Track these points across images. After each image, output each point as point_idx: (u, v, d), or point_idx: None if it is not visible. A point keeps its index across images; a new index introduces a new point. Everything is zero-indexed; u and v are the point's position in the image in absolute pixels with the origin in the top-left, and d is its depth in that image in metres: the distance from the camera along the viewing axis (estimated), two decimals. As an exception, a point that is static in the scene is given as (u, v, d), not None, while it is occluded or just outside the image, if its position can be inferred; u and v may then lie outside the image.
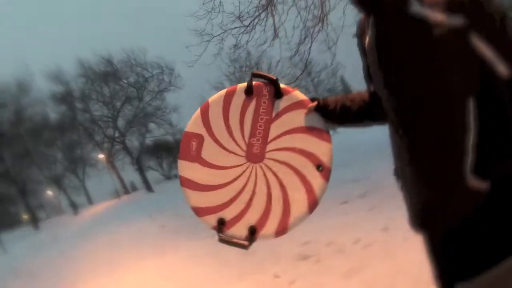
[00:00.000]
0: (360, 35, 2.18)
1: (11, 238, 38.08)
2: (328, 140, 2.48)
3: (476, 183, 1.77)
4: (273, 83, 2.50)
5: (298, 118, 2.48)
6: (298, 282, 5.87)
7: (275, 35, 15.85)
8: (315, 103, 2.48)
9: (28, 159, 52.15)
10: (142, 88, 54.77)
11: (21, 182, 50.44)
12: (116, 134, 54.08)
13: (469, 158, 1.77)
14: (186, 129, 2.61)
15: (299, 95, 2.51)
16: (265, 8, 15.27)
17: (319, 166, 2.43)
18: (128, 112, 55.00)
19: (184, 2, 18.88)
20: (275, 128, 2.47)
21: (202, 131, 2.55)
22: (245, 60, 39.88)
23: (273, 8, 15.24)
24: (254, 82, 2.53)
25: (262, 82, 2.53)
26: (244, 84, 2.53)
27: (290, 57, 17.82)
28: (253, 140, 2.46)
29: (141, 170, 53.18)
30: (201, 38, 17.11)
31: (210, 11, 16.04)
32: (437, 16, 1.76)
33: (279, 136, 2.47)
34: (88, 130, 53.96)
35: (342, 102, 2.45)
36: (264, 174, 2.44)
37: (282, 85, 2.53)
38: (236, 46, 17.27)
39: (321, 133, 2.47)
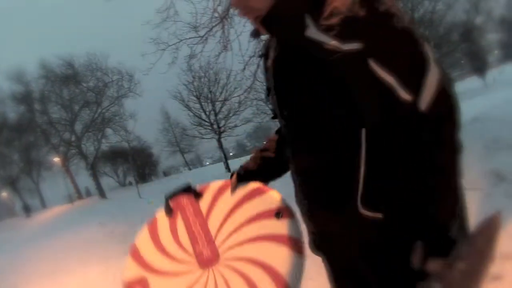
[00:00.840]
0: (264, 55, 2.20)
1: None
2: (273, 209, 2.28)
3: (368, 214, 1.79)
4: (187, 190, 2.43)
5: (227, 205, 2.35)
6: None
7: (224, 48, 15.99)
8: (235, 175, 2.44)
9: None
10: (101, 93, 54.46)
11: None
12: (73, 138, 53.53)
13: (360, 190, 1.79)
14: (125, 280, 2.40)
15: (215, 185, 2.44)
16: (219, 21, 15.41)
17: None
18: (86, 116, 54.62)
19: (144, 10, 18.82)
20: (214, 226, 2.35)
21: (141, 272, 2.39)
22: (205, 69, 39.98)
23: (227, 20, 15.37)
24: (171, 203, 2.44)
25: (178, 195, 2.44)
26: (162, 211, 2.47)
27: (243, 69, 17.89)
28: (199, 247, 2.32)
29: (95, 176, 52.78)
30: (157, 47, 17.20)
31: (165, 20, 16.09)
32: (331, 41, 1.70)
33: (228, 233, 2.32)
34: (45, 132, 53.38)
35: (261, 156, 2.45)
36: (223, 275, 2.26)
37: (197, 186, 2.45)
38: (190, 56, 17.32)
39: (265, 210, 2.29)
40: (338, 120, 1.80)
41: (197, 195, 2.42)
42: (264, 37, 2.22)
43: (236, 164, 33.74)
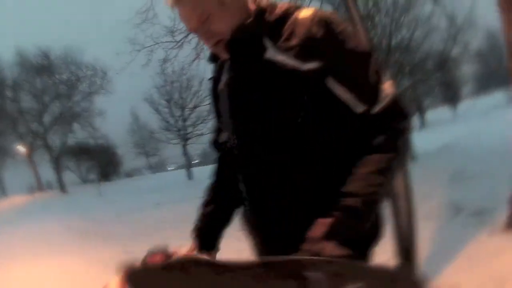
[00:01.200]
0: (215, 78, 2.22)
1: None
2: None
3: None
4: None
5: None
6: None
7: (197, 56, 15.96)
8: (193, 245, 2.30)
9: None
10: (73, 87, 54.12)
11: None
12: (40, 130, 53.01)
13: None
14: None
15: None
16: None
17: None
18: (55, 109, 54.01)
19: (124, 8, 18.71)
20: None
21: None
22: (178, 75, 39.90)
23: None
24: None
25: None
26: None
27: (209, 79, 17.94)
28: None
29: (58, 170, 52.31)
30: (132, 47, 17.10)
31: (144, 21, 15.93)
32: (290, 61, 1.78)
33: None
34: (14, 120, 52.51)
35: (206, 213, 2.36)
36: None
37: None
38: (165, 60, 17.27)
39: None
40: (296, 139, 1.82)
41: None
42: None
43: (199, 172, 33.48)
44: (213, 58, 2.16)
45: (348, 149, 1.80)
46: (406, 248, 4.55)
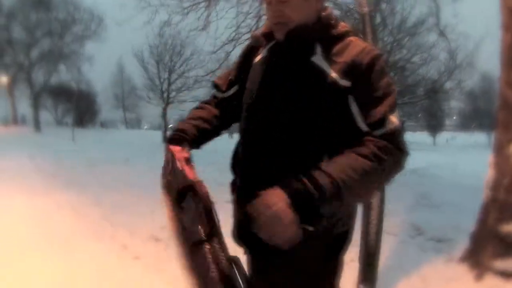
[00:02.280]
0: (252, 47, 2.41)
1: None
2: None
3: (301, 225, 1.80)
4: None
5: None
6: (142, 259, 6.28)
7: (204, 27, 15.86)
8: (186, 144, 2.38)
9: None
10: (67, 27, 53.72)
11: None
12: (26, 63, 52.55)
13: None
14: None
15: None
16: (207, -1, 15.21)
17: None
18: (45, 45, 53.67)
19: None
20: None
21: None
22: (173, 38, 39.70)
23: (213, 1, 15.21)
24: None
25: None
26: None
27: (212, 53, 17.67)
28: None
29: (35, 107, 51.92)
30: (138, 2, 16.93)
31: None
32: (331, 72, 1.98)
33: None
34: (1, 49, 51.95)
35: (199, 126, 2.47)
36: None
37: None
38: (166, 23, 17.06)
39: None
40: (306, 137, 2.01)
41: None
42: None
43: None
44: (267, 35, 2.26)
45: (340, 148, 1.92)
46: (371, 254, 4.76)
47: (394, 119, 1.93)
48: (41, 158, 20.06)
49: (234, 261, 1.94)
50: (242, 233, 2.25)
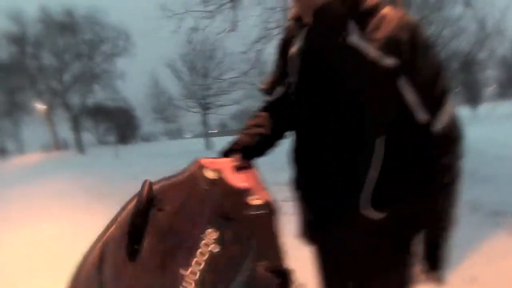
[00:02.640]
0: (286, 40, 2.25)
1: None
2: None
3: (369, 213, 1.88)
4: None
5: None
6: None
7: (232, 28, 15.88)
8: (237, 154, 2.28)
9: None
10: (95, 48, 54.17)
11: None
12: (59, 88, 53.11)
13: (365, 191, 1.87)
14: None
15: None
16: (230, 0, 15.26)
17: None
18: (76, 68, 54.13)
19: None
20: None
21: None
22: (203, 44, 39.80)
23: (237, 2, 15.21)
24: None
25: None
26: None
27: (243, 53, 17.69)
28: None
29: (76, 129, 52.39)
30: (162, 13, 17.01)
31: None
32: (371, 52, 1.81)
33: None
34: (33, 77, 52.58)
35: (252, 133, 2.41)
36: None
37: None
38: (193, 29, 17.13)
39: None
40: (357, 123, 1.89)
41: None
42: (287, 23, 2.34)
43: (216, 142, 32.99)
44: (296, 21, 2.16)
45: (400, 146, 1.87)
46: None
47: (449, 104, 1.85)
48: (85, 178, 20.25)
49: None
50: (312, 231, 2.22)
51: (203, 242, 1.76)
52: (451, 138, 1.86)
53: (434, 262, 1.96)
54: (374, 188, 1.88)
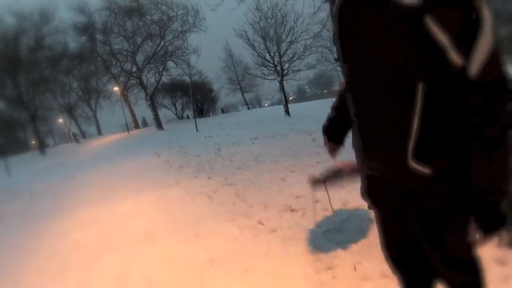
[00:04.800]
0: (332, 1, 2.23)
1: (17, 162, 38.03)
2: None
3: (417, 166, 1.86)
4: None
5: None
6: (279, 231, 6.16)
7: None
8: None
9: (43, 86, 51.66)
10: (165, 27, 54.31)
11: (33, 108, 49.94)
12: (134, 69, 53.69)
13: (412, 142, 1.85)
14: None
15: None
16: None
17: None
18: (148, 48, 54.47)
19: None
20: None
21: None
22: (273, 11, 39.56)
23: None
24: None
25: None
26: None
27: (312, 14, 17.59)
28: None
29: (153, 107, 52.93)
30: None
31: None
32: None
33: None
34: (106, 62, 53.45)
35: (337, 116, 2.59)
36: None
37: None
38: None
39: None
40: (396, 70, 1.84)
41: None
42: None
43: (295, 108, 33.26)
44: None
45: (439, 93, 1.80)
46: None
47: (486, 36, 1.71)
48: (166, 153, 20.48)
49: None
50: (369, 190, 2.25)
51: None
52: (491, 82, 1.72)
53: (492, 222, 1.87)
54: (418, 139, 1.85)
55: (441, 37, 1.69)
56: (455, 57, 1.71)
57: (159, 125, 49.07)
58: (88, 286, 5.81)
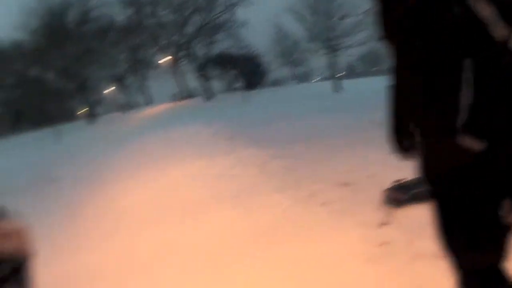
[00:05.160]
0: None
1: (67, 130, 38.75)
2: None
3: (467, 141, 1.81)
4: None
5: None
6: (329, 204, 6.07)
7: None
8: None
9: (91, 57, 52.28)
10: (213, 0, 54.32)
11: (82, 79, 50.68)
12: (183, 41, 53.94)
13: (461, 117, 1.79)
14: None
15: None
16: None
17: None
18: (196, 21, 54.56)
19: None
20: None
21: None
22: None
23: None
24: None
25: None
26: None
27: None
28: None
29: (202, 78, 53.05)
30: None
31: None
32: None
33: None
34: (153, 34, 53.90)
35: None
36: None
37: None
38: None
39: None
40: (445, 45, 1.78)
41: None
42: None
43: (344, 85, 32.97)
44: None
45: (486, 68, 1.73)
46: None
47: None
48: (216, 123, 20.52)
49: None
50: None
51: None
52: None
53: None
54: (468, 115, 1.77)
55: (486, 10, 1.66)
56: (500, 30, 1.67)
57: (208, 97, 49.26)
58: (136, 251, 6.00)
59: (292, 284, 4.10)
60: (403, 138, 2.42)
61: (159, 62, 58.55)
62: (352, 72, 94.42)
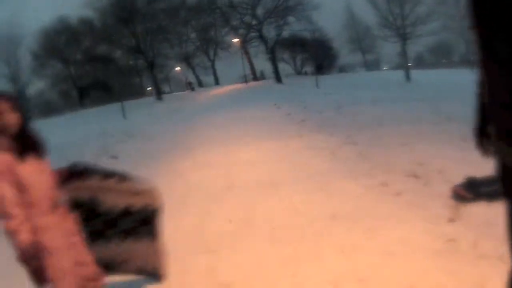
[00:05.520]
0: None
1: (134, 106, 39.13)
2: None
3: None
4: None
5: None
6: (403, 195, 6.17)
7: None
8: None
9: (160, 36, 52.34)
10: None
11: (151, 56, 50.84)
12: (254, 22, 53.78)
13: None
14: None
15: None
16: None
17: None
18: (268, 2, 54.17)
19: None
20: None
21: None
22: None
23: None
24: None
25: None
26: None
27: None
28: None
29: (273, 60, 52.76)
30: None
31: None
32: None
33: None
34: (225, 14, 53.86)
35: None
36: None
37: None
38: None
39: None
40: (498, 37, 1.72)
41: None
42: None
43: (414, 75, 32.11)
44: None
45: None
46: None
47: None
48: (286, 105, 20.50)
49: None
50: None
51: None
52: None
53: None
54: None
55: None
56: None
57: (278, 79, 49.05)
58: (207, 225, 6.14)
59: (362, 268, 4.15)
60: (486, 136, 2.37)
61: (230, 42, 58.52)
62: (421, 63, 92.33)
